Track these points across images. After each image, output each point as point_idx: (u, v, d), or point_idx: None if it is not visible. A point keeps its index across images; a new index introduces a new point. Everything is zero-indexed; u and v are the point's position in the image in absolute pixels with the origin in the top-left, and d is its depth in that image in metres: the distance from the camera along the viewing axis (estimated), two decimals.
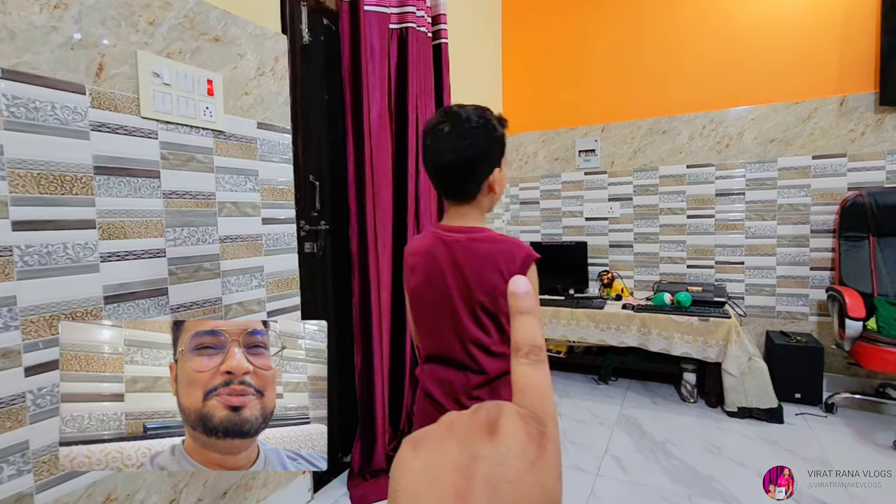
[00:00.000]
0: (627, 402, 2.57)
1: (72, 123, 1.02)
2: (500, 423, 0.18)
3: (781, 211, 2.69)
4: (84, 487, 1.04)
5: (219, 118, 1.33)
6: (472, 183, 0.90)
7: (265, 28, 1.49)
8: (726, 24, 2.76)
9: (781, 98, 2.65)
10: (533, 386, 0.19)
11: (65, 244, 1.01)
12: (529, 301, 0.20)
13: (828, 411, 2.32)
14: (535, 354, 0.20)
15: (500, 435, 0.18)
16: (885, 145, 2.45)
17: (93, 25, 1.06)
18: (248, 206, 1.45)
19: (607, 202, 3.14)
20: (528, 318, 0.20)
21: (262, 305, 1.51)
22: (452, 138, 0.86)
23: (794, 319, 2.68)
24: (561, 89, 3.24)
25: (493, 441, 0.18)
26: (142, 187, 1.16)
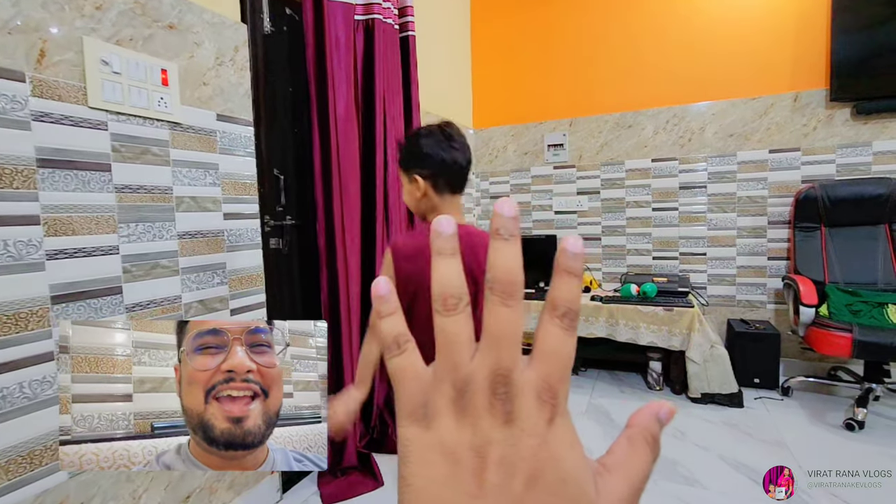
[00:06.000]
0: (596, 391, 2.62)
1: (10, 113, 0.96)
2: (515, 409, 0.18)
3: (741, 203, 2.78)
4: (33, 497, 0.99)
5: (175, 109, 1.28)
6: None
7: (223, 16, 1.43)
8: (688, 21, 2.83)
9: (740, 94, 2.74)
10: (561, 354, 0.18)
11: (5, 241, 0.95)
12: (579, 264, 0.19)
13: (784, 395, 2.43)
14: (571, 318, 0.18)
15: (515, 420, 0.18)
16: (836, 140, 2.57)
17: (33, 9, 0.99)
18: (209, 201, 1.40)
19: (576, 196, 3.19)
20: (575, 281, 0.18)
21: (225, 303, 1.47)
22: (463, 140, 1.06)
23: (753, 308, 2.79)
24: (529, 84, 3.26)
25: (507, 426, 0.18)
26: (91, 181, 1.10)
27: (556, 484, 0.17)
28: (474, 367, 0.18)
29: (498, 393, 0.18)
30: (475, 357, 0.18)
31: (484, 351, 0.18)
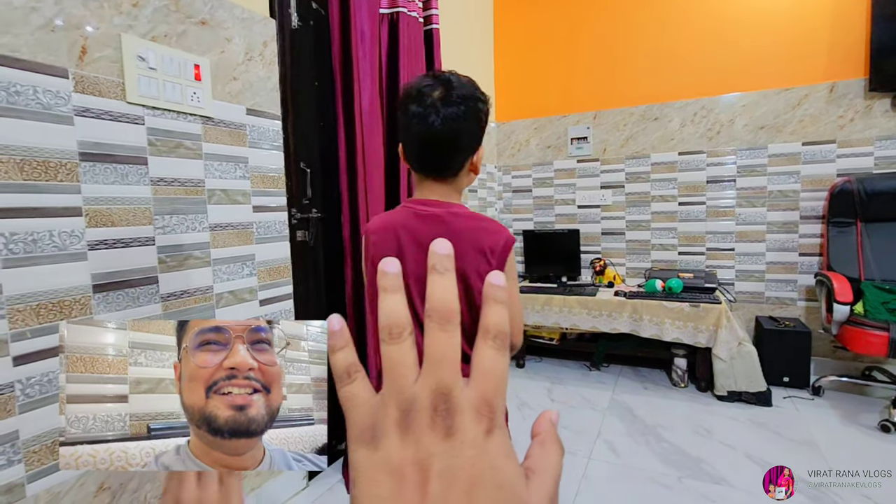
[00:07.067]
0: (619, 387, 2.60)
1: (55, 108, 1.00)
2: (455, 423, 0.19)
3: (771, 197, 2.71)
4: (75, 477, 1.04)
5: (207, 104, 1.31)
6: (457, 158, 0.83)
7: (253, 11, 1.46)
8: (717, 10, 2.75)
9: (772, 85, 2.66)
10: (495, 372, 0.20)
11: (51, 232, 0.99)
12: (505, 294, 0.21)
13: (815, 394, 2.37)
14: (502, 340, 0.20)
15: (455, 433, 0.19)
16: (874, 131, 2.47)
17: (74, 7, 1.03)
18: (238, 194, 1.43)
19: (599, 190, 3.14)
20: (502, 307, 0.21)
21: (254, 294, 1.50)
22: (445, 105, 0.78)
23: (783, 304, 2.71)
24: (553, 76, 3.22)
25: (447, 440, 0.19)
26: (129, 174, 1.14)
27: (493, 490, 0.19)
28: (417, 388, 0.20)
29: (439, 410, 0.19)
30: (418, 380, 0.20)
31: (426, 373, 0.20)
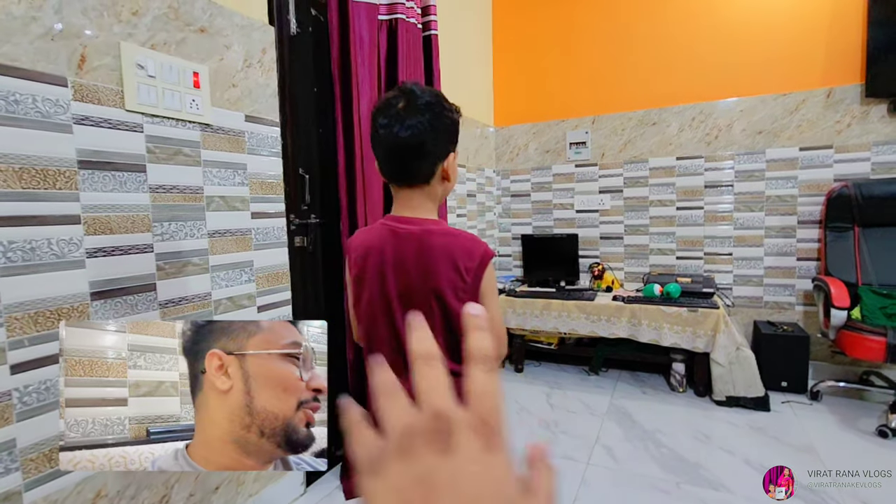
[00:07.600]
0: (618, 392, 2.60)
1: (54, 116, 1.00)
2: (454, 442, 0.20)
3: (769, 202, 2.71)
4: (73, 485, 1.04)
5: (206, 111, 1.31)
6: (425, 163, 0.85)
7: (252, 18, 1.46)
8: (715, 15, 2.76)
9: (770, 90, 2.67)
10: (488, 392, 0.21)
11: (49, 240, 1.00)
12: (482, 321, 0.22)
13: (813, 399, 2.37)
14: (490, 363, 0.22)
15: (456, 451, 0.20)
16: (871, 137, 2.48)
17: (73, 15, 1.03)
18: (237, 201, 1.44)
19: (598, 194, 3.15)
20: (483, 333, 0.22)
21: (253, 300, 1.50)
22: (408, 114, 0.81)
23: (781, 309, 2.72)
24: (551, 81, 3.23)
25: (448, 456, 0.20)
26: (127, 181, 1.14)
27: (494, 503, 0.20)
28: (414, 417, 0.21)
29: (438, 431, 0.20)
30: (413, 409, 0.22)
31: (420, 402, 0.22)
